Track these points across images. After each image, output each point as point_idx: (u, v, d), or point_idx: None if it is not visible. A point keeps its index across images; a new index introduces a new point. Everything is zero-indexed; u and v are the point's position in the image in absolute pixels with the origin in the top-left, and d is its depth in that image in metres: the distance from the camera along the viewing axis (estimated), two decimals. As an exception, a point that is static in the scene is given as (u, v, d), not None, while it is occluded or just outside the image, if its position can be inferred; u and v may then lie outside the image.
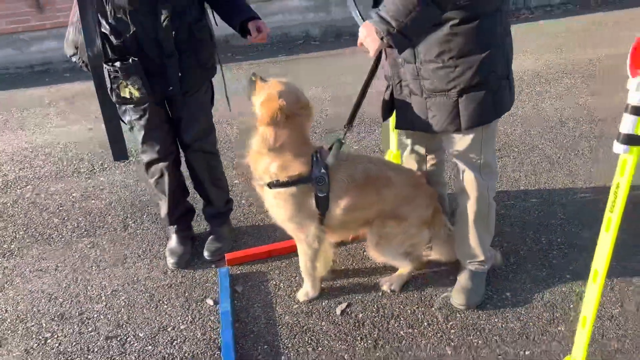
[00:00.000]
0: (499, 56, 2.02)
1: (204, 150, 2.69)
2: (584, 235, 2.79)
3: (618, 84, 4.58)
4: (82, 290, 2.69)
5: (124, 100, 2.30)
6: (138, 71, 2.22)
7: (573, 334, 2.16)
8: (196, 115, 2.58)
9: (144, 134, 2.52)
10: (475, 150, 2.18)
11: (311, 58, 6.28)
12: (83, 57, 2.33)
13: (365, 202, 2.32)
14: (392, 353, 2.19)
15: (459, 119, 2.08)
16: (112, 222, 3.25)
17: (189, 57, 2.41)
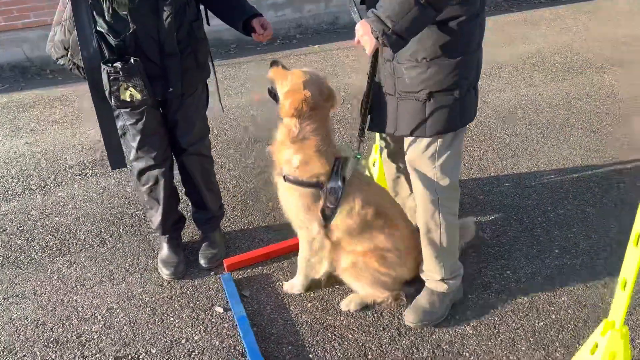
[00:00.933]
0: (472, 63, 1.98)
1: (199, 154, 2.60)
2: (559, 212, 3.01)
3: (548, 75, 5.00)
4: (72, 312, 2.49)
5: (124, 104, 2.16)
6: (140, 72, 2.10)
7: (577, 304, 2.35)
8: (193, 118, 2.48)
9: (140, 140, 2.38)
10: (430, 161, 2.10)
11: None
12: (75, 59, 2.17)
13: (365, 233, 2.27)
14: (417, 339, 2.24)
15: (424, 124, 2.02)
16: (86, 238, 3.03)
17: (188, 57, 2.31)
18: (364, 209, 2.21)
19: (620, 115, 4.11)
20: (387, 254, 2.29)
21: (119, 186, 3.55)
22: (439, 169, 2.10)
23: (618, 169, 3.41)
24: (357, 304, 2.39)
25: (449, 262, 2.28)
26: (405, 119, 2.05)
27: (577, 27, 6.54)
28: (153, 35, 2.16)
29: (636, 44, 5.76)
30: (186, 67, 2.31)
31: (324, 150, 2.16)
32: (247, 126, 4.35)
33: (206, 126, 2.61)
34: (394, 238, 2.29)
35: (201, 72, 2.44)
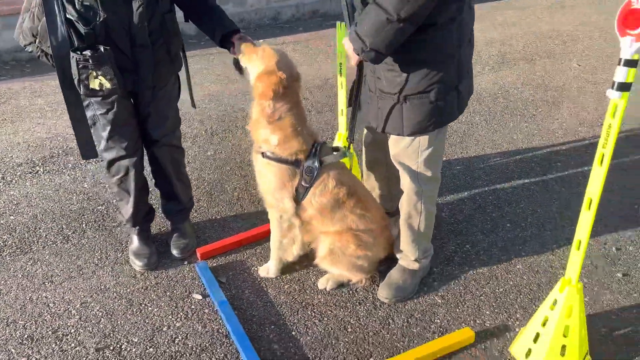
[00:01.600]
0: (450, 66, 2.00)
1: (170, 145, 2.61)
2: (507, 190, 3.26)
3: (485, 67, 5.32)
4: (43, 309, 2.44)
5: (93, 92, 2.14)
6: (110, 60, 2.08)
7: (531, 271, 2.58)
8: (165, 109, 2.49)
9: (111, 130, 2.37)
10: (413, 156, 2.19)
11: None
12: (43, 46, 2.13)
13: (337, 210, 2.34)
14: (392, 310, 2.39)
15: (402, 124, 2.10)
16: (47, 235, 2.96)
17: (160, 48, 2.32)
18: (337, 187, 2.30)
19: (553, 102, 4.47)
20: (362, 235, 2.40)
21: (75, 182, 3.47)
22: (422, 164, 2.20)
23: (555, 150, 3.72)
24: (334, 282, 2.50)
25: (423, 244, 2.44)
26: (384, 117, 2.14)
27: (506, 22, 6.97)
28: (124, 25, 2.16)
29: (559, 37, 6.23)
30: (158, 59, 2.32)
31: (300, 129, 2.24)
32: (202, 119, 4.35)
33: (178, 118, 2.62)
34: (365, 219, 2.41)
35: (173, 65, 2.45)
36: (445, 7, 1.89)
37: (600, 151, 1.73)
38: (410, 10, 1.77)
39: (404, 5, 1.76)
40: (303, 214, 2.38)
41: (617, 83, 1.61)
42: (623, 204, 3.08)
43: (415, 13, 1.78)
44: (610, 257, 2.67)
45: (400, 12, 1.77)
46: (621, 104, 1.64)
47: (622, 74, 1.60)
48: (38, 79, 5.40)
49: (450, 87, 2.05)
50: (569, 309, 1.96)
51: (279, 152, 2.24)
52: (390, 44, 1.86)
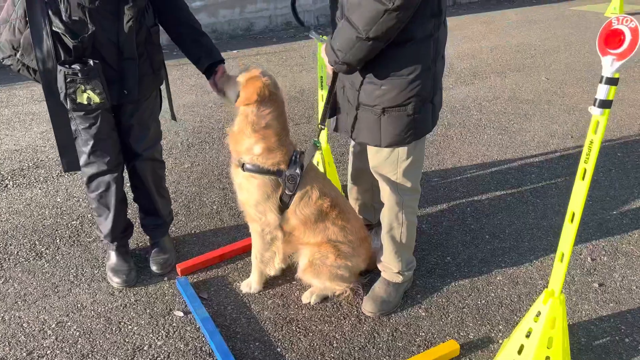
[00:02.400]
0: (426, 80, 2.04)
1: (152, 159, 2.56)
2: (484, 202, 3.32)
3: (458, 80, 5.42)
4: (17, 329, 2.35)
5: (80, 107, 2.09)
6: (99, 75, 2.04)
7: (511, 282, 2.62)
8: (147, 122, 2.45)
9: (93, 144, 2.31)
10: (392, 167, 2.22)
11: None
12: (25, 59, 2.06)
13: (320, 222, 2.34)
14: (376, 324, 2.39)
15: (379, 136, 2.12)
16: (18, 252, 2.85)
17: (145, 62, 2.29)
18: (320, 198, 2.30)
19: (524, 115, 4.59)
20: (341, 245, 2.40)
21: (47, 196, 3.36)
22: (401, 174, 2.23)
23: (529, 162, 3.81)
24: (317, 297, 2.49)
25: (406, 256, 2.45)
26: (364, 129, 2.16)
27: (476, 36, 7.13)
28: (112, 38, 2.12)
29: (528, 51, 6.42)
30: (142, 73, 2.29)
31: (284, 139, 2.24)
32: (177, 131, 4.29)
33: (159, 131, 2.58)
34: (346, 230, 2.41)
35: (156, 78, 2.42)
36: (424, 23, 1.94)
37: (582, 166, 1.77)
38: (378, 31, 1.83)
39: (372, 26, 1.83)
40: (285, 226, 2.36)
41: (599, 100, 1.65)
42: (595, 215, 3.17)
43: (383, 33, 1.84)
44: (586, 268, 2.74)
45: (369, 32, 1.84)
46: (602, 121, 1.69)
47: (603, 92, 1.65)
48: (4, 89, 5.24)
49: (426, 100, 2.10)
50: (552, 321, 1.99)
51: (261, 163, 2.22)
52: (361, 59, 1.95)
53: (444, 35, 2.12)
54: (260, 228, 2.37)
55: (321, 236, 2.37)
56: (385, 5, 1.76)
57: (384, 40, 1.88)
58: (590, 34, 7.09)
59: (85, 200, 3.30)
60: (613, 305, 2.48)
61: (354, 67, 2.00)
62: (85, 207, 3.24)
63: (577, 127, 4.35)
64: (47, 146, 4.03)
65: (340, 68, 2.01)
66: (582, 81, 5.37)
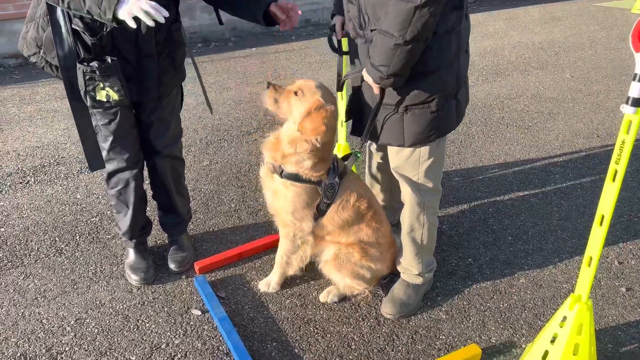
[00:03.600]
0: (449, 75, 2.01)
1: (172, 156, 2.55)
2: (507, 203, 3.25)
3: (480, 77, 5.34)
4: (36, 325, 2.36)
5: (100, 104, 2.08)
6: (117, 72, 2.03)
7: (534, 285, 2.55)
8: (167, 119, 2.44)
9: (113, 141, 2.31)
10: (414, 167, 2.18)
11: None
12: (48, 57, 2.07)
13: (355, 224, 2.32)
14: (396, 327, 2.34)
15: (402, 135, 2.08)
16: (39, 248, 2.87)
17: (165, 59, 2.27)
18: (358, 201, 2.28)
19: (548, 114, 4.49)
20: (370, 248, 2.37)
21: (67, 193, 3.39)
22: (423, 174, 2.18)
23: (553, 161, 3.72)
24: (335, 295, 2.45)
25: (426, 258, 2.40)
26: (386, 130, 2.11)
27: (498, 33, 7.02)
28: (131, 36, 2.10)
29: (551, 48, 6.28)
30: (163, 70, 2.27)
31: (331, 152, 2.22)
32: (196, 129, 4.29)
33: (180, 128, 2.57)
34: (378, 233, 2.38)
35: (177, 75, 2.40)
36: (445, 16, 1.88)
37: (613, 167, 1.71)
38: (414, 31, 1.77)
39: (407, 29, 1.76)
40: (320, 232, 2.34)
41: (632, 98, 1.59)
42: (623, 217, 3.07)
43: (419, 32, 1.78)
44: (613, 271, 2.66)
45: (405, 35, 1.77)
46: (635, 120, 1.62)
47: (636, 90, 1.58)
48: (27, 86, 5.30)
49: (450, 96, 2.05)
50: (579, 327, 1.93)
51: (307, 174, 2.18)
52: (405, 66, 1.86)
53: (467, 29, 2.06)
54: (293, 233, 2.34)
55: (353, 237, 2.35)
56: (413, 3, 1.71)
57: (422, 39, 1.81)
58: (617, 31, 6.92)
59: (104, 198, 3.31)
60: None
61: (402, 77, 1.91)
62: (105, 204, 3.25)
63: (604, 126, 4.24)
64: (68, 143, 4.06)
65: (388, 83, 1.91)
66: (608, 79, 5.24)
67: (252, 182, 3.50)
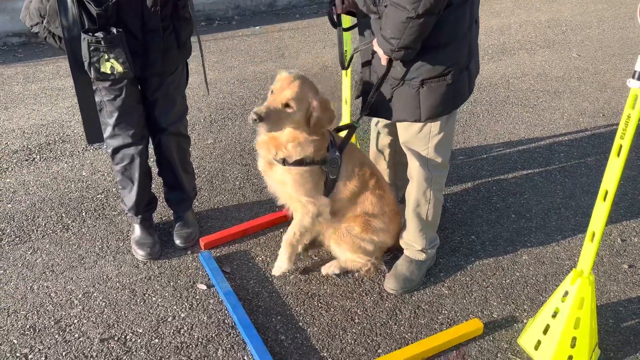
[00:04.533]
0: (463, 47, 2.01)
1: (177, 133, 2.56)
2: (511, 181, 3.25)
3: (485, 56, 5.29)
4: (45, 299, 2.40)
5: (104, 76, 2.08)
6: (122, 43, 2.02)
7: (537, 262, 2.57)
8: (173, 96, 2.44)
9: (118, 116, 2.32)
10: (424, 141, 2.19)
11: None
12: (51, 27, 2.07)
13: (361, 195, 2.35)
14: (399, 301, 2.37)
15: (419, 110, 2.08)
16: (46, 224, 2.90)
17: (170, 35, 2.26)
18: (361, 170, 2.31)
19: (554, 92, 4.46)
20: (373, 219, 2.38)
21: (73, 170, 3.41)
22: (432, 149, 2.19)
23: (557, 140, 3.71)
24: (336, 268, 2.47)
25: (430, 234, 2.42)
26: (400, 105, 2.11)
27: (504, 11, 6.93)
28: (136, 8, 2.09)
29: (559, 27, 6.21)
30: (167, 46, 2.26)
31: (325, 138, 2.25)
32: (200, 107, 4.29)
33: (185, 105, 2.57)
34: (383, 200, 2.39)
35: (182, 52, 2.39)
36: None
37: (618, 142, 1.71)
38: (427, 3, 1.76)
39: (419, 1, 1.76)
40: (334, 206, 2.35)
41: (638, 72, 1.58)
42: (626, 195, 3.08)
43: (432, 5, 1.77)
44: (615, 249, 2.67)
45: (418, 8, 1.77)
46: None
47: (643, 64, 1.57)
48: (31, 64, 5.29)
49: (463, 67, 2.05)
50: (580, 301, 1.95)
51: (313, 155, 2.19)
52: (417, 39, 1.87)
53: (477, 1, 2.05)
54: (313, 211, 2.30)
55: (360, 208, 2.37)
56: None
57: (435, 12, 1.81)
58: (625, 9, 6.82)
59: (109, 175, 3.33)
60: (643, 287, 2.42)
61: (413, 50, 1.92)
62: (110, 181, 3.27)
63: (609, 105, 4.21)
64: (73, 121, 4.07)
65: (399, 55, 1.92)
66: (615, 57, 5.18)
67: (256, 160, 3.50)
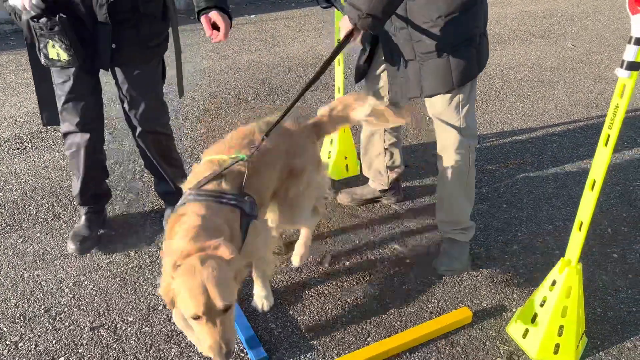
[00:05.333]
0: (481, 12, 2.11)
1: (153, 132, 2.49)
2: (503, 171, 3.25)
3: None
4: (35, 287, 2.40)
5: (52, 62, 2.07)
6: (65, 30, 2.00)
7: (527, 251, 2.58)
8: (142, 94, 2.37)
9: (65, 101, 2.30)
10: (456, 112, 2.21)
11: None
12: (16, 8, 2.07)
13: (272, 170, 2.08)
14: (387, 290, 2.38)
15: (451, 78, 2.11)
16: (37, 212, 2.90)
17: (128, 29, 2.20)
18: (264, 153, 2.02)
19: (548, 83, 4.46)
20: (294, 161, 2.16)
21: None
22: (464, 119, 2.23)
23: (550, 130, 3.72)
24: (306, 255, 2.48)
25: (468, 209, 2.43)
26: (431, 79, 2.14)
27: (500, 1, 6.91)
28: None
29: (554, 17, 6.20)
30: (124, 40, 2.20)
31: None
32: (194, 96, 4.27)
33: (159, 103, 2.48)
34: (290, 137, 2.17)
35: (146, 50, 2.30)
36: None
37: (606, 132, 1.71)
38: None
39: None
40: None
41: (627, 62, 1.58)
42: (617, 186, 3.09)
43: None
44: (605, 238, 2.68)
45: None
46: (630, 84, 1.62)
47: (632, 53, 1.57)
48: (23, 52, 5.23)
49: (482, 31, 2.15)
50: (567, 290, 1.96)
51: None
52: (388, 8, 1.91)
53: None
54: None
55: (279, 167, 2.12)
56: None
57: None
58: (621, 0, 6.81)
59: (102, 163, 3.32)
60: (632, 277, 2.44)
61: (380, 20, 1.93)
62: (102, 170, 3.26)
63: (603, 96, 4.21)
64: (65, 110, 4.05)
65: (365, 22, 1.91)
66: (610, 48, 5.18)
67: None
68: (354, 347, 2.10)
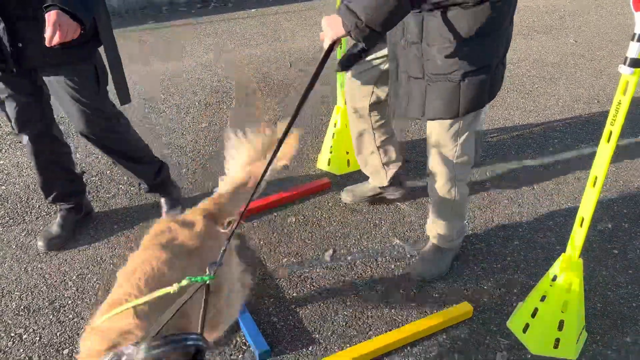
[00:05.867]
0: (502, 39, 1.95)
1: (100, 137, 2.40)
2: (504, 167, 3.26)
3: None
4: (39, 280, 2.41)
5: None
6: None
7: (528, 247, 2.60)
8: (68, 101, 2.25)
9: (1, 101, 2.27)
10: (453, 140, 2.12)
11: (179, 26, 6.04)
12: None
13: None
14: (390, 285, 2.40)
15: (457, 106, 1.97)
16: (41, 206, 2.91)
17: (29, 26, 2.02)
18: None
19: (549, 79, 4.46)
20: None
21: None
22: (460, 147, 2.13)
23: (552, 126, 3.72)
24: None
25: (457, 224, 2.40)
26: (436, 102, 2.00)
27: (503, -4, 6.88)
28: None
29: (556, 12, 6.18)
30: (25, 39, 2.05)
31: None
32: (195, 90, 4.27)
33: (96, 108, 2.30)
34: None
35: (60, 52, 2.03)
36: None
37: (609, 128, 1.72)
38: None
39: None
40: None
41: (630, 59, 1.58)
42: (618, 182, 3.10)
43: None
44: (606, 234, 2.69)
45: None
46: (632, 81, 1.62)
47: (635, 50, 1.57)
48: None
49: (499, 60, 2.00)
50: (568, 285, 1.98)
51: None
52: (389, 22, 1.69)
53: None
54: None
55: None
56: None
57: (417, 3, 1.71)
58: (623, -5, 6.79)
59: (103, 157, 3.33)
60: (632, 273, 2.45)
61: (379, 35, 1.69)
62: (104, 164, 3.27)
63: (605, 92, 4.21)
64: (67, 103, 4.05)
65: (361, 34, 1.67)
66: (612, 44, 5.18)
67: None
68: (356, 341, 2.12)
